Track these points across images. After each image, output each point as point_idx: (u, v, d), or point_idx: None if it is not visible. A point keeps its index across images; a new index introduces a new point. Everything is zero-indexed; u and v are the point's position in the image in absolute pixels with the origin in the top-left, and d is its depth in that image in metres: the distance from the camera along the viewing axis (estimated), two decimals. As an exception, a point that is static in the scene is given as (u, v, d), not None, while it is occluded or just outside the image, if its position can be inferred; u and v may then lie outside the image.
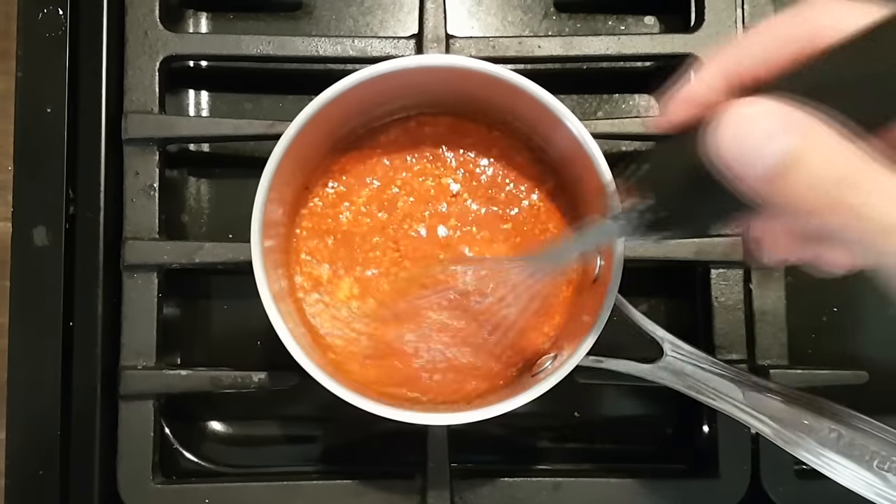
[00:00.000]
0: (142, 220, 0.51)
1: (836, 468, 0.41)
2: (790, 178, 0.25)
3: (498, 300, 0.46)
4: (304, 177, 0.48)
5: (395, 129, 0.49)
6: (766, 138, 0.26)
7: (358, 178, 0.48)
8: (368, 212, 0.48)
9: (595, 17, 0.58)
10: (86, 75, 0.51)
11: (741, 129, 0.26)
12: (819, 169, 0.25)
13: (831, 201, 0.25)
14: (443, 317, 0.47)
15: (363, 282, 0.48)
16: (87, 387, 0.50)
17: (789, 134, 0.25)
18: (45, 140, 0.50)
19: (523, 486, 0.51)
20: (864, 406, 0.42)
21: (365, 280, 0.48)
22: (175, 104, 0.56)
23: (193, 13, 0.57)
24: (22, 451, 0.49)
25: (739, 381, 0.43)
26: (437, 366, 0.47)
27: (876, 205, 0.25)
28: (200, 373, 0.50)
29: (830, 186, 0.25)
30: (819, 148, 0.25)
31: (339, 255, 0.48)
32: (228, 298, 0.55)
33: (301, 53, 0.52)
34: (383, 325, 0.47)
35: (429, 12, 0.52)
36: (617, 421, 0.56)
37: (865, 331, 0.56)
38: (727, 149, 0.26)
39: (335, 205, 0.48)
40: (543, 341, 0.48)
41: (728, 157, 0.26)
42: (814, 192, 0.25)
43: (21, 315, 0.50)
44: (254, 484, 0.51)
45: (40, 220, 0.50)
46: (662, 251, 0.51)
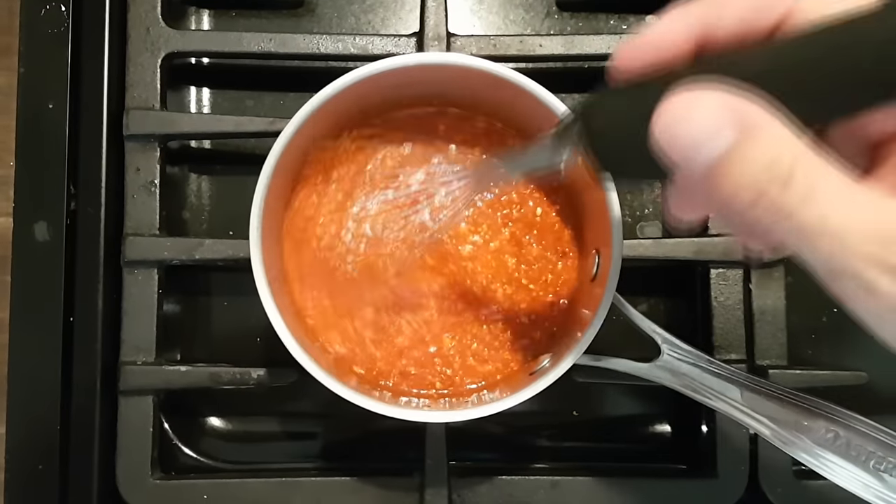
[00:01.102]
0: (142, 216, 0.51)
1: (833, 469, 0.41)
2: (724, 177, 0.25)
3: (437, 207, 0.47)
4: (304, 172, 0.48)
5: (395, 125, 0.49)
6: (705, 136, 0.25)
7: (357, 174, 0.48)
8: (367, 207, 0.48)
9: (597, 17, 0.58)
10: (88, 71, 0.51)
11: (682, 123, 0.26)
12: (755, 171, 0.25)
13: (765, 203, 0.25)
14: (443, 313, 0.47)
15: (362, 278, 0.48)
16: (87, 382, 0.50)
17: (726, 133, 0.25)
18: (46, 136, 0.50)
19: (521, 485, 0.51)
20: (863, 407, 0.42)
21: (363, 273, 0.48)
22: (176, 101, 0.56)
23: (195, 10, 0.57)
24: (22, 446, 0.49)
25: (737, 381, 0.43)
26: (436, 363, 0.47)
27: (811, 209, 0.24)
28: (200, 369, 0.51)
29: (765, 189, 0.25)
30: (758, 148, 0.25)
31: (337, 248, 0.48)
32: (228, 295, 0.56)
33: (302, 51, 0.52)
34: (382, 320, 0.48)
35: (430, 10, 0.52)
36: (615, 420, 0.56)
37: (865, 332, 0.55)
38: (666, 141, 0.26)
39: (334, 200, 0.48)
40: (541, 340, 0.48)
41: (667, 148, 0.26)
42: (748, 192, 0.25)
43: (21, 310, 0.50)
44: (252, 480, 0.51)
45: (41, 215, 0.50)
46: (662, 251, 0.52)
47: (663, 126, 0.26)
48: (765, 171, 0.25)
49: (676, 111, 0.26)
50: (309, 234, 0.48)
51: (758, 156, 0.25)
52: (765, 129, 0.25)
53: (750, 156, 0.25)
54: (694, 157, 0.26)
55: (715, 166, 0.25)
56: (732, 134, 0.25)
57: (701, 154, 0.25)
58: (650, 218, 0.56)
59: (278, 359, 0.49)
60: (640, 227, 0.56)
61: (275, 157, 0.42)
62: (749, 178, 0.25)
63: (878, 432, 0.40)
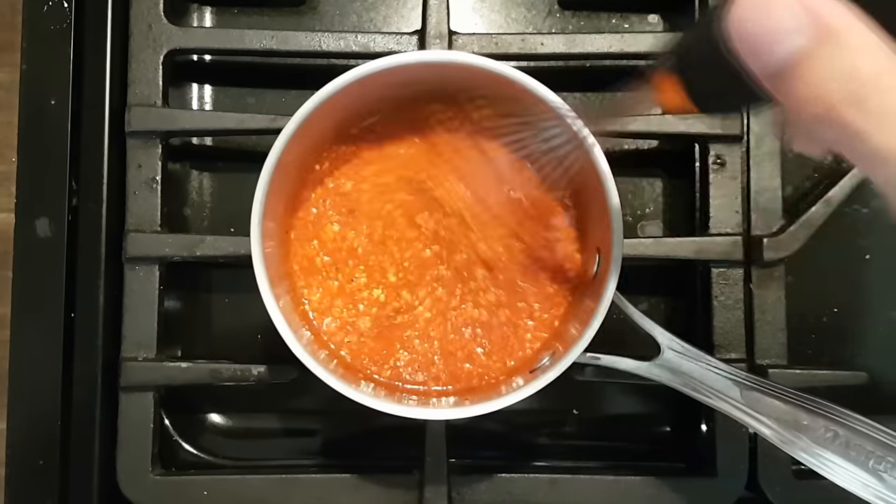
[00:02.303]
0: (144, 212, 0.51)
1: (833, 468, 0.41)
2: (797, 82, 0.24)
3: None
4: (305, 170, 0.48)
5: (396, 123, 0.49)
6: (779, 35, 0.24)
7: (358, 171, 0.49)
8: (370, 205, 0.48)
9: (599, 16, 0.58)
10: (90, 68, 0.51)
11: (756, 19, 0.24)
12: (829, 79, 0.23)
13: (836, 119, 0.23)
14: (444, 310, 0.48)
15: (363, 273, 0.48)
16: (88, 378, 0.50)
17: (805, 34, 0.23)
18: (48, 132, 0.51)
19: (520, 483, 0.51)
20: (863, 407, 0.42)
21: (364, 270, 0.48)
22: (178, 98, 0.56)
23: (197, 7, 0.57)
24: (22, 441, 0.49)
25: (736, 380, 0.43)
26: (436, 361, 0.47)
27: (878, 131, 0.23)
28: (200, 365, 0.51)
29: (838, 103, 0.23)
30: (836, 53, 0.23)
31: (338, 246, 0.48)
32: (229, 292, 0.56)
33: (304, 48, 0.52)
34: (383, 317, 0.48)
35: (432, 8, 0.52)
36: (615, 419, 0.56)
37: (865, 332, 0.56)
38: (739, 35, 0.25)
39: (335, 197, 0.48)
40: (541, 338, 0.48)
41: (739, 44, 0.25)
42: (819, 103, 0.24)
43: (23, 306, 0.50)
44: (252, 476, 0.51)
45: (43, 211, 0.50)
46: (663, 250, 0.52)
47: (737, 19, 0.25)
48: (840, 82, 0.23)
49: (751, 3, 0.24)
50: (310, 230, 0.48)
51: (834, 62, 0.23)
52: (845, 35, 0.23)
53: (826, 61, 0.23)
54: (766, 56, 0.24)
55: (787, 68, 0.24)
56: (809, 34, 0.23)
57: (774, 53, 0.24)
58: (651, 217, 0.56)
59: (279, 356, 0.49)
60: (641, 227, 0.56)
61: (276, 154, 0.42)
62: (823, 87, 0.23)
63: (877, 432, 0.40)
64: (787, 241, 0.51)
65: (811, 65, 0.23)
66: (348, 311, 0.48)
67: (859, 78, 0.23)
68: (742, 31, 0.25)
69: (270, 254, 0.44)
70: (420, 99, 0.48)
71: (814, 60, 0.23)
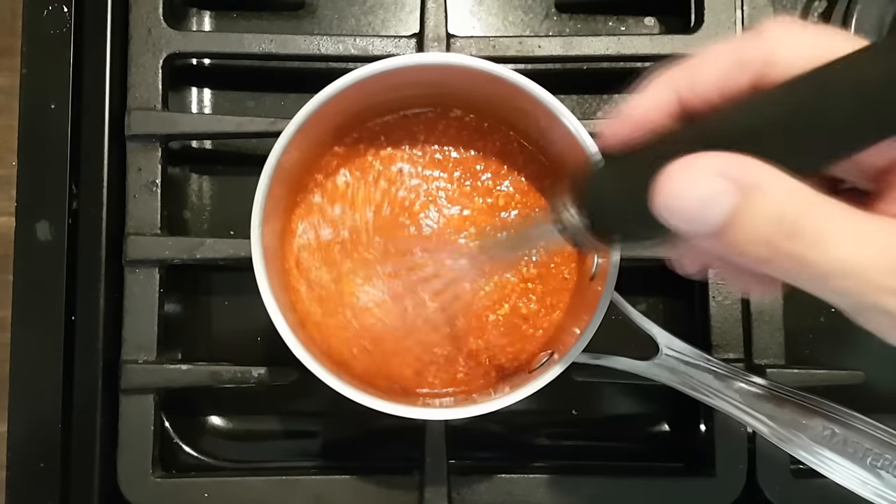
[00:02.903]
0: (144, 215, 0.51)
1: (831, 466, 0.41)
2: (734, 238, 0.26)
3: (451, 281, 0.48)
4: (305, 173, 0.48)
5: (396, 126, 0.49)
6: (706, 202, 0.26)
7: (357, 175, 0.49)
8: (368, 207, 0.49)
9: (595, 18, 0.58)
10: (89, 72, 0.52)
11: (682, 193, 0.26)
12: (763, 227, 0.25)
13: (776, 253, 0.25)
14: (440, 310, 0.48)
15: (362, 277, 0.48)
16: (89, 380, 0.50)
17: (729, 195, 0.25)
18: (48, 136, 0.51)
19: (520, 483, 0.51)
20: (861, 406, 0.42)
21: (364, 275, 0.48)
22: (178, 101, 0.56)
23: (197, 11, 0.57)
24: (23, 444, 0.50)
25: (734, 379, 0.43)
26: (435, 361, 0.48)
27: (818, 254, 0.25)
28: (201, 367, 0.51)
29: (773, 239, 0.25)
30: (762, 204, 0.25)
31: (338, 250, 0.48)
32: (229, 294, 0.56)
33: (303, 52, 0.52)
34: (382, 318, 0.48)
35: (430, 11, 0.52)
36: (614, 419, 0.57)
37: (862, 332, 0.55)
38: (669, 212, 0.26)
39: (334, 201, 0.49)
40: (540, 338, 0.48)
41: (671, 219, 0.26)
42: (761, 249, 0.25)
43: (23, 309, 0.50)
44: (252, 478, 0.51)
45: (43, 215, 0.50)
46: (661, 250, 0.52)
47: (664, 199, 0.26)
48: (773, 226, 0.25)
49: (674, 182, 0.26)
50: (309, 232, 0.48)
51: (763, 212, 0.25)
52: (764, 185, 0.25)
53: (755, 214, 0.25)
54: (699, 224, 0.26)
55: (721, 230, 0.26)
56: (733, 196, 0.25)
57: (706, 220, 0.26)
58: (649, 219, 0.57)
59: (279, 358, 0.50)
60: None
61: (276, 156, 0.42)
62: (759, 235, 0.25)
63: (875, 429, 0.41)
64: (784, 240, 0.51)
65: (742, 218, 0.25)
66: (348, 313, 0.48)
67: (786, 215, 0.25)
68: (672, 209, 0.26)
69: (270, 255, 0.44)
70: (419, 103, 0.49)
71: (743, 214, 0.25)
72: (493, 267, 0.48)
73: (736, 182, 0.25)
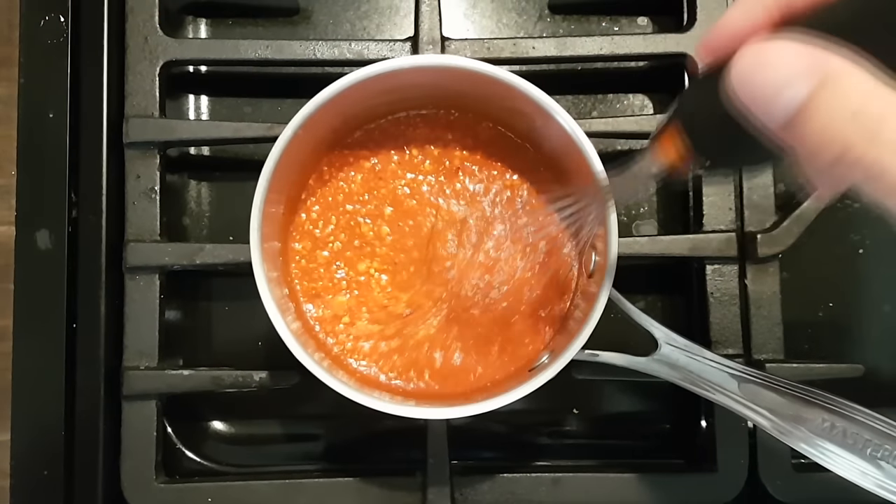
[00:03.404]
0: (143, 222, 0.51)
1: (832, 458, 0.41)
2: (806, 129, 0.24)
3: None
4: (303, 176, 0.48)
5: (393, 128, 0.49)
6: (781, 85, 0.24)
7: (356, 177, 0.49)
8: (367, 210, 0.49)
9: (589, 19, 0.59)
10: (87, 81, 0.52)
11: (756, 74, 0.25)
12: (838, 122, 0.23)
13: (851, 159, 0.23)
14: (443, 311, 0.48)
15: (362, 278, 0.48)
16: (91, 387, 0.50)
17: (806, 80, 0.24)
18: (47, 145, 0.51)
19: (522, 482, 0.51)
20: (860, 399, 0.42)
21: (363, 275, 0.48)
22: (175, 109, 0.56)
23: (193, 19, 0.58)
24: (26, 452, 0.50)
25: (734, 373, 0.44)
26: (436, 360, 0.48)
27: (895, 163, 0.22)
28: (202, 372, 0.51)
29: (852, 143, 0.23)
30: (841, 96, 0.23)
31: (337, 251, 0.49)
32: (229, 300, 0.56)
33: (299, 57, 0.52)
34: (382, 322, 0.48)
35: (424, 15, 0.52)
36: (615, 417, 0.57)
37: (861, 325, 0.56)
38: (743, 95, 0.25)
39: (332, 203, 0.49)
40: (540, 337, 0.48)
41: (745, 103, 0.25)
42: (832, 146, 0.23)
43: (25, 317, 0.50)
44: (256, 482, 0.51)
45: (43, 223, 0.51)
46: (658, 248, 0.52)
47: (738, 74, 0.25)
48: (850, 123, 0.23)
49: (751, 57, 0.25)
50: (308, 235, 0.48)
51: (841, 105, 0.23)
52: (848, 77, 0.23)
53: (832, 105, 0.23)
54: (772, 107, 0.24)
55: (795, 117, 0.24)
56: (811, 81, 0.23)
57: (779, 103, 0.24)
58: (646, 217, 0.57)
59: (280, 362, 0.50)
60: (636, 226, 0.57)
61: (274, 160, 0.43)
62: (833, 130, 0.23)
63: (874, 420, 0.41)
64: (780, 236, 0.51)
65: (817, 110, 0.23)
66: (348, 314, 0.48)
67: (867, 114, 0.23)
68: (745, 89, 0.25)
69: (270, 258, 0.44)
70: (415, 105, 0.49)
71: (819, 105, 0.23)
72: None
73: (818, 67, 0.23)
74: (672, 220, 0.56)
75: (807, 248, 0.53)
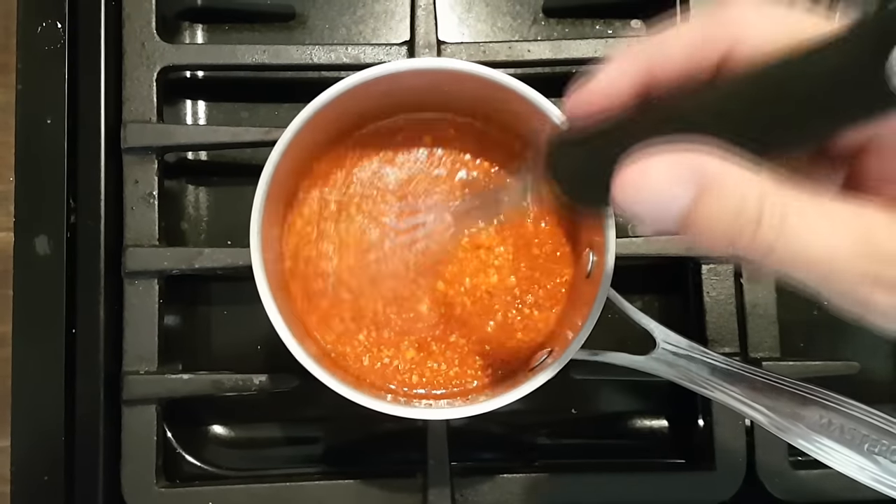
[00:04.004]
0: (142, 227, 0.52)
1: (829, 453, 0.42)
2: (696, 230, 0.26)
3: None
4: (301, 179, 0.48)
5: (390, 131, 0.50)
6: (666, 200, 0.26)
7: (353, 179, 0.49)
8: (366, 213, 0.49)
9: (582, 22, 0.59)
10: (85, 86, 0.52)
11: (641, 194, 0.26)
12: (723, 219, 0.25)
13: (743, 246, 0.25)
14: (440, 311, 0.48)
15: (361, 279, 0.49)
16: (91, 393, 0.50)
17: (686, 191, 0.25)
18: (45, 151, 0.51)
19: (522, 482, 0.51)
20: (856, 396, 0.43)
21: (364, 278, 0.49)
22: (173, 115, 0.57)
23: (189, 25, 0.58)
24: (26, 458, 0.50)
25: (732, 371, 0.44)
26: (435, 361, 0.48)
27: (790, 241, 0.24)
28: (202, 376, 0.51)
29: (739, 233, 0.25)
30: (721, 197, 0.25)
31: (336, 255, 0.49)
32: (228, 304, 0.56)
33: (295, 61, 0.53)
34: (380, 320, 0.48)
35: (420, 19, 0.53)
36: (613, 417, 0.57)
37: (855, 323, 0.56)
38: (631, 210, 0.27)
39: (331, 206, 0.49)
40: (539, 337, 0.49)
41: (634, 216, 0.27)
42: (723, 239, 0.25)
43: (24, 323, 0.50)
44: (256, 486, 0.51)
45: (42, 229, 0.51)
46: (654, 248, 0.52)
47: (624, 198, 0.27)
48: (734, 217, 0.25)
49: (633, 182, 0.26)
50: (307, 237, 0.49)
51: (722, 205, 0.25)
52: (723, 178, 0.25)
53: (715, 207, 0.25)
54: (662, 222, 0.26)
55: (684, 225, 0.26)
56: (691, 191, 0.25)
57: (668, 216, 0.26)
58: (642, 217, 0.57)
59: (279, 365, 0.50)
60: (633, 227, 0.57)
61: (273, 163, 0.43)
62: (720, 227, 0.25)
63: (870, 416, 0.41)
64: (776, 235, 0.52)
65: (702, 213, 0.25)
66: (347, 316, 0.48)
67: (748, 206, 0.25)
68: (632, 209, 0.27)
69: (269, 261, 0.44)
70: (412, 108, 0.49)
71: (702, 210, 0.25)
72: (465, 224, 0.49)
73: (694, 176, 0.25)
74: (668, 221, 0.57)
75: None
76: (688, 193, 0.25)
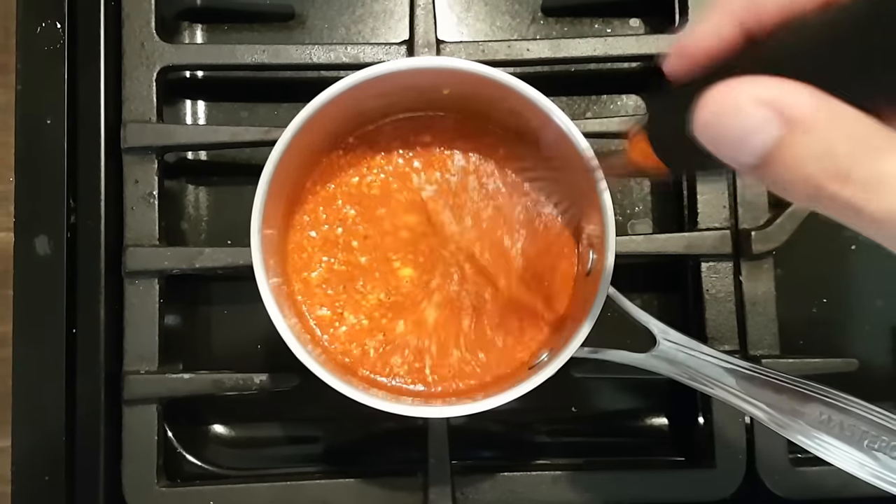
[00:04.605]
0: (142, 227, 0.52)
1: (829, 450, 0.42)
2: (776, 173, 0.24)
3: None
4: (301, 178, 0.48)
5: (390, 130, 0.50)
6: (748, 131, 0.23)
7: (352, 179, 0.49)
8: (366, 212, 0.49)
9: (581, 21, 0.59)
10: (84, 87, 0.52)
11: (722, 119, 0.24)
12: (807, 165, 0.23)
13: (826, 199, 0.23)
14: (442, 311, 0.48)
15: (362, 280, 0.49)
16: (91, 392, 0.50)
17: (773, 125, 0.23)
18: (45, 151, 0.51)
19: (523, 481, 0.51)
20: (855, 392, 0.43)
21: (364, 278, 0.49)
22: (172, 115, 0.57)
23: (189, 24, 0.58)
24: (27, 458, 0.50)
25: (731, 368, 0.44)
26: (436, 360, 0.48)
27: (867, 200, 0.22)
28: (203, 376, 0.51)
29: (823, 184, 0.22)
30: (808, 140, 0.23)
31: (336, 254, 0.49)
32: (228, 304, 0.56)
33: (295, 61, 0.53)
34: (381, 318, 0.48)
35: (419, 18, 0.53)
36: (613, 415, 0.57)
37: (854, 320, 0.57)
38: (709, 140, 0.25)
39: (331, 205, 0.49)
40: (539, 335, 0.49)
41: (711, 147, 0.25)
42: (804, 188, 0.23)
43: (24, 323, 0.50)
44: (257, 485, 0.51)
45: (42, 229, 0.51)
46: (654, 247, 0.53)
47: (702, 125, 0.24)
48: (818, 165, 0.22)
49: (713, 107, 0.24)
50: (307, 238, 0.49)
51: (809, 148, 0.23)
52: (814, 119, 0.23)
53: (801, 149, 0.23)
54: (739, 153, 0.24)
55: (762, 160, 0.24)
56: (776, 127, 0.23)
57: (746, 149, 0.24)
58: (641, 216, 0.57)
59: (280, 364, 0.50)
60: (632, 225, 0.57)
61: (273, 163, 0.43)
62: (803, 173, 0.23)
63: (870, 412, 0.41)
64: (774, 233, 0.52)
65: (786, 153, 0.23)
66: (347, 315, 0.48)
67: (836, 154, 0.22)
68: (710, 137, 0.25)
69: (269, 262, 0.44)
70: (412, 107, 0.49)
71: (787, 150, 0.23)
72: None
73: (781, 111, 0.23)
74: (667, 219, 0.57)
75: (800, 245, 0.54)
76: (774, 128, 0.23)
